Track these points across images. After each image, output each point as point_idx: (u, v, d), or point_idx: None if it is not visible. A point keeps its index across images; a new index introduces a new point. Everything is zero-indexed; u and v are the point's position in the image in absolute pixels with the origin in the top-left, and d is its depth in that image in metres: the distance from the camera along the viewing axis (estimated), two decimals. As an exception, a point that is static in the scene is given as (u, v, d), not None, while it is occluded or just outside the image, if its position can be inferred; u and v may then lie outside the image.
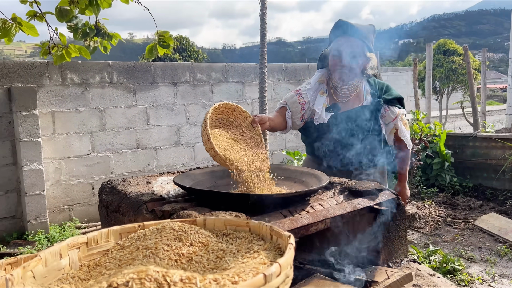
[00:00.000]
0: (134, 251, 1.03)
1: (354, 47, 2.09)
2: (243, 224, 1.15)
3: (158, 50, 3.05)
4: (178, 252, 1.04)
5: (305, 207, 1.56)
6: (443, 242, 3.99)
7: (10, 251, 3.93)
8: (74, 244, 1.04)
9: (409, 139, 2.28)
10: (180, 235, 1.09)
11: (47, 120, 4.49)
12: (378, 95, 2.19)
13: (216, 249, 1.06)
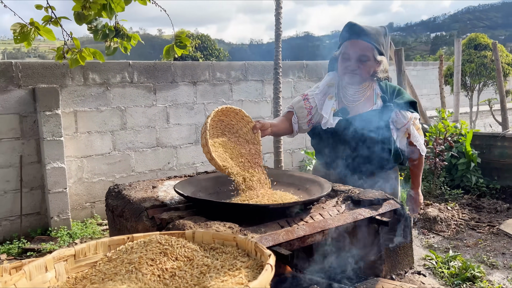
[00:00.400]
0: (119, 265, 1.04)
1: (363, 50, 2.04)
2: (230, 239, 1.14)
3: (175, 50, 3.08)
4: (162, 267, 1.04)
5: (305, 217, 1.54)
6: (465, 247, 3.86)
7: (34, 246, 4.07)
8: (60, 257, 1.05)
9: (422, 144, 2.21)
10: (166, 249, 1.09)
11: (69, 119, 4.61)
12: (389, 99, 2.13)
13: (201, 264, 1.06)
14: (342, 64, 2.10)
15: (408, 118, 2.13)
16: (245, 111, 1.87)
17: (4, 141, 4.30)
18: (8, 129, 4.32)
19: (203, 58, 7.29)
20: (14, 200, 4.38)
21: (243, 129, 1.84)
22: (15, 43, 2.70)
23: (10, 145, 4.34)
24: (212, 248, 1.14)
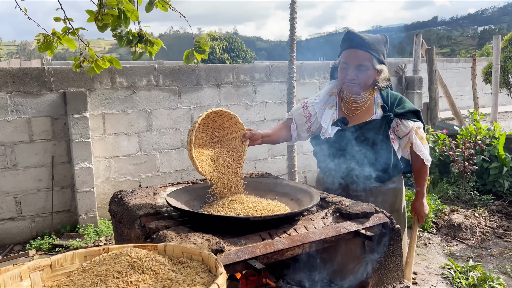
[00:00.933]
0: (88, 277, 1.11)
1: (361, 60, 2.02)
2: (197, 253, 1.18)
3: (195, 55, 3.15)
4: (127, 280, 1.09)
5: (288, 229, 1.56)
6: (489, 256, 3.72)
7: (63, 242, 4.29)
8: (36, 267, 1.13)
9: (426, 154, 2.16)
10: (134, 262, 1.15)
11: (98, 121, 4.81)
12: (390, 108, 2.10)
13: (165, 278, 1.11)
14: (341, 73, 2.09)
15: (409, 127, 2.09)
16: (269, 112, 1.98)
17: (37, 142, 4.55)
18: (41, 131, 4.56)
19: (230, 60, 7.39)
20: (46, 198, 4.63)
21: (233, 134, 1.90)
22: (39, 51, 2.86)
23: (43, 146, 4.58)
24: (180, 262, 1.19)
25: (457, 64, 19.19)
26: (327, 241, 1.53)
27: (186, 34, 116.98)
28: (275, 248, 1.43)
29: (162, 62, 14.80)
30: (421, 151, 2.13)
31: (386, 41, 2.10)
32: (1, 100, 4.35)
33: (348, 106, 2.16)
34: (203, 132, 1.89)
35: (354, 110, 2.14)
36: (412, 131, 2.10)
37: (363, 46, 2.00)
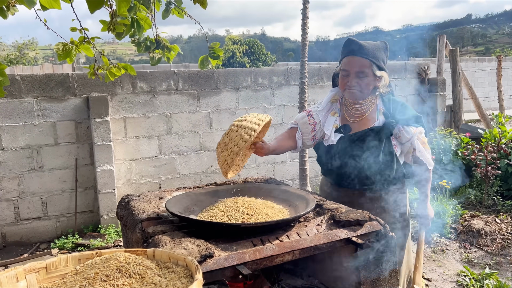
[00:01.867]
0: (78, 280, 1.18)
1: (361, 67, 2.03)
2: (181, 259, 1.23)
3: (210, 61, 3.23)
4: (113, 283, 1.16)
5: (281, 236, 1.59)
6: (508, 264, 3.62)
7: (85, 242, 4.46)
8: (32, 269, 1.22)
9: (429, 158, 2.14)
10: (122, 266, 1.21)
11: (119, 125, 4.96)
12: (391, 114, 2.10)
13: (150, 282, 1.17)
14: (342, 80, 2.11)
15: (411, 133, 2.09)
16: (287, 115, 2.07)
17: (62, 145, 4.75)
18: (65, 134, 4.75)
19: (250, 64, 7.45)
20: (70, 198, 4.82)
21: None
22: (59, 59, 3.00)
23: (67, 149, 4.77)
24: (166, 267, 1.24)
25: (489, 64, 18.61)
26: (318, 248, 1.55)
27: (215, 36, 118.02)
28: (265, 254, 1.47)
29: (188, 65, 15.03)
30: (424, 155, 2.12)
31: (386, 48, 2.09)
32: (28, 105, 4.56)
33: (350, 113, 2.17)
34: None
35: (356, 117, 2.15)
36: (414, 136, 2.08)
37: (362, 53, 2.02)
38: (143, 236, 1.69)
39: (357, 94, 2.09)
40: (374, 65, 2.02)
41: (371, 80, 2.06)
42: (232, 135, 1.81)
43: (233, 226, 1.54)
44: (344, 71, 2.08)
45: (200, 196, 2.01)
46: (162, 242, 1.49)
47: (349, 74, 2.06)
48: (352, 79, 2.05)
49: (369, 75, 2.04)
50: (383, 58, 2.06)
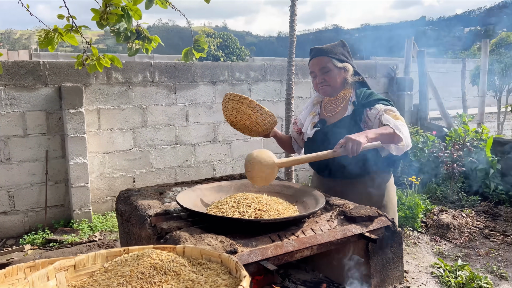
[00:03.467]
0: (112, 277, 1.15)
1: (322, 64, 2.23)
2: (215, 256, 1.23)
3: (193, 53, 3.18)
4: (150, 280, 1.14)
5: (296, 231, 1.62)
6: (476, 256, 3.85)
7: (57, 237, 4.29)
8: (61, 267, 1.17)
9: (397, 125, 2.01)
10: (156, 263, 1.19)
11: (93, 116, 4.80)
12: (359, 102, 2.20)
13: (186, 279, 1.16)
14: (313, 82, 2.33)
15: (378, 109, 2.12)
16: None
17: (31, 136, 4.53)
18: (36, 125, 4.54)
19: (224, 57, 7.42)
20: (39, 192, 4.62)
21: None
22: (40, 47, 2.87)
23: (37, 140, 4.57)
24: (199, 264, 1.24)
25: (444, 65, 19.48)
26: (334, 243, 1.59)
27: (175, 27, 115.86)
28: (285, 250, 1.49)
29: (153, 56, 14.69)
30: (389, 121, 2.04)
31: (343, 45, 2.30)
32: (-5, 94, 4.32)
33: (328, 109, 2.34)
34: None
35: (332, 111, 2.30)
36: (381, 111, 2.11)
37: (321, 53, 2.24)
38: (155, 232, 1.66)
39: (328, 89, 2.26)
40: (333, 59, 2.22)
41: (336, 73, 2.23)
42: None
43: (253, 222, 1.55)
44: (312, 73, 2.31)
45: (205, 191, 2.00)
46: (182, 238, 1.48)
47: (316, 74, 2.27)
48: (319, 77, 2.26)
49: (332, 69, 2.22)
50: (341, 52, 2.26)
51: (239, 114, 2.14)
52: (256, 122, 2.17)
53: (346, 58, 2.28)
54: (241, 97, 2.13)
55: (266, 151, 1.92)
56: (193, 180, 2.44)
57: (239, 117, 2.16)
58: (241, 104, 2.13)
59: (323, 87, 2.27)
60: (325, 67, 2.23)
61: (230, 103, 2.17)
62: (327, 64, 2.23)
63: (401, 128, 2.01)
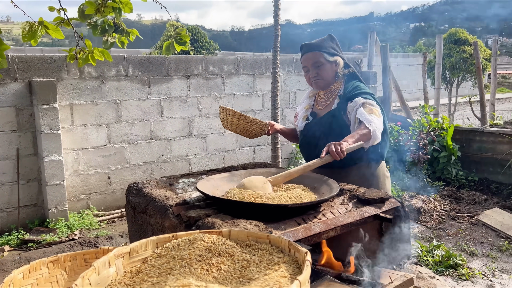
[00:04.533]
0: (171, 261, 1.19)
1: (314, 59, 2.32)
2: (264, 237, 1.30)
3: (175, 47, 3.18)
4: (208, 262, 1.19)
5: (317, 215, 1.71)
6: (447, 236, 4.14)
7: (33, 237, 4.15)
8: (119, 254, 1.20)
9: (369, 120, 2.10)
10: (209, 246, 1.25)
11: (65, 112, 4.66)
12: (344, 95, 2.30)
13: (241, 260, 1.22)
14: (306, 76, 2.42)
15: (357, 102, 2.21)
16: (237, 104, 2.34)
17: (0, 134, 4.34)
18: (5, 122, 4.35)
19: (194, 51, 7.39)
20: (11, 192, 4.43)
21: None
22: (23, 40, 2.79)
23: (7, 138, 4.38)
24: (248, 245, 1.30)
25: (395, 59, 20.32)
26: (354, 224, 1.70)
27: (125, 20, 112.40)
28: (314, 231, 1.58)
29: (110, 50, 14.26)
30: (363, 116, 2.10)
31: (331, 39, 2.39)
32: (-39, 89, 4.10)
33: (320, 102, 2.45)
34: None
35: (323, 104, 2.42)
36: (358, 104, 2.19)
37: (312, 48, 2.34)
38: (181, 221, 1.70)
39: (322, 83, 2.36)
40: (324, 53, 2.31)
41: (328, 67, 2.33)
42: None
43: (281, 206, 1.63)
44: (305, 68, 2.40)
45: (218, 182, 2.05)
46: (216, 224, 1.53)
47: (308, 69, 2.36)
48: (312, 72, 2.35)
49: (324, 63, 2.32)
50: (331, 46, 2.35)
51: (229, 124, 2.36)
52: (245, 129, 2.36)
53: (336, 51, 2.37)
54: (227, 110, 2.34)
55: (255, 177, 1.97)
56: (197, 171, 2.47)
57: (229, 126, 2.37)
58: (228, 116, 2.34)
59: (316, 81, 2.36)
60: (317, 61, 2.32)
61: (221, 115, 2.39)
62: (319, 59, 2.32)
63: (372, 122, 2.08)
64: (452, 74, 11.14)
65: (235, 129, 2.37)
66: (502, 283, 3.21)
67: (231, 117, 2.34)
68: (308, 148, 2.43)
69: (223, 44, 30.60)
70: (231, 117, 2.34)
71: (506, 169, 5.45)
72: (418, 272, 1.83)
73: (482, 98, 6.14)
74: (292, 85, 6.36)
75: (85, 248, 3.90)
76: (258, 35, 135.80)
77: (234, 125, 2.35)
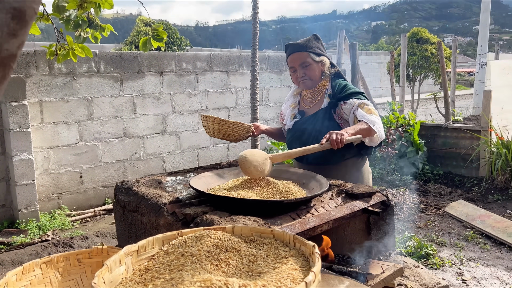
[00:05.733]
0: (181, 258, 1.21)
1: (301, 59, 2.37)
2: (267, 232, 1.34)
3: (152, 43, 3.16)
4: (217, 257, 1.22)
5: (310, 210, 1.77)
6: (417, 228, 4.33)
7: (3, 239, 4.01)
8: (129, 252, 1.21)
9: (371, 120, 2.18)
10: (216, 242, 1.27)
11: (35, 109, 4.51)
12: (334, 95, 2.37)
13: (247, 254, 1.26)
14: (293, 76, 2.45)
15: (353, 103, 2.29)
16: (211, 101, 2.43)
17: (-35, 132, 4.15)
18: (-30, 119, 4.17)
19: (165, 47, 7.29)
20: (-23, 193, 4.26)
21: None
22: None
23: (-28, 136, 4.20)
24: (252, 240, 1.34)
25: (359, 57, 20.79)
26: (345, 218, 1.77)
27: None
28: (309, 225, 1.64)
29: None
30: (365, 117, 2.18)
31: (316, 38, 2.45)
32: None
33: (306, 101, 2.50)
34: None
35: (310, 103, 2.48)
36: (355, 106, 2.27)
37: (298, 48, 2.38)
38: (177, 218, 1.72)
39: (309, 83, 2.41)
40: (311, 53, 2.37)
41: (315, 66, 2.38)
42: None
43: (276, 202, 1.67)
44: (291, 68, 2.43)
45: (209, 179, 2.07)
46: (216, 221, 1.56)
47: (295, 69, 2.40)
48: (299, 72, 2.39)
49: (311, 63, 2.37)
50: (317, 46, 2.41)
51: (211, 130, 2.39)
52: (227, 134, 2.38)
53: (322, 51, 2.42)
54: (207, 117, 2.38)
55: (256, 150, 2.05)
56: (183, 169, 2.48)
57: (212, 132, 2.39)
58: (209, 122, 2.37)
59: (303, 81, 2.39)
60: (304, 62, 2.36)
61: (203, 123, 2.43)
62: (306, 59, 2.36)
63: (375, 122, 2.18)
64: (415, 72, 11.55)
65: (217, 134, 2.39)
66: (470, 271, 3.40)
67: (211, 123, 2.36)
68: (298, 146, 2.42)
69: (188, 40, 30.54)
70: (211, 123, 2.36)
71: (469, 163, 5.74)
72: (404, 262, 1.93)
73: (446, 95, 6.43)
74: (265, 82, 6.41)
75: (60, 249, 3.81)
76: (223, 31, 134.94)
77: (216, 131, 2.37)
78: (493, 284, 3.18)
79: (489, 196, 5.09)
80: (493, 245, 3.84)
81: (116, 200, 2.09)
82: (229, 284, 0.97)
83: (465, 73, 34.73)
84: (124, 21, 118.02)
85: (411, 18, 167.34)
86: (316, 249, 1.15)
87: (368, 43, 72.08)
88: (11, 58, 0.62)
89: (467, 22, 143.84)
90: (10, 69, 0.63)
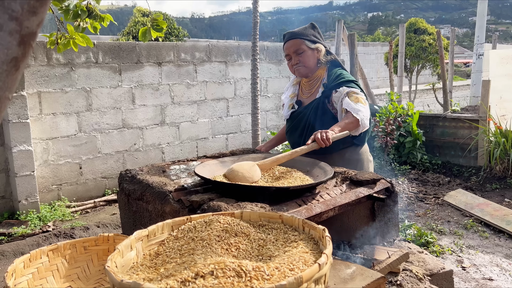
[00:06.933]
0: (191, 242, 1.22)
1: (296, 46, 2.37)
2: (276, 217, 1.35)
3: (151, 33, 3.14)
4: (227, 242, 1.23)
5: (315, 196, 1.78)
6: (416, 217, 4.36)
7: (4, 230, 4.00)
8: (139, 237, 1.21)
9: (357, 109, 2.17)
10: (226, 227, 1.28)
11: (33, 100, 4.49)
12: (328, 84, 2.36)
13: (257, 239, 1.26)
14: (289, 64, 2.46)
15: (342, 91, 2.27)
16: (209, 92, 2.29)
17: (-36, 123, 4.13)
18: (-32, 111, 4.13)
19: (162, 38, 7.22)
20: (-23, 184, 4.25)
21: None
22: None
23: (-29, 127, 4.17)
24: (260, 225, 1.34)
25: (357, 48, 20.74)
26: (350, 204, 1.78)
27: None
28: (315, 212, 1.64)
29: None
30: (350, 106, 2.15)
31: (313, 27, 2.46)
32: None
33: (304, 91, 2.51)
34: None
35: (308, 92, 2.48)
36: (343, 94, 2.25)
37: (293, 36, 2.39)
38: (183, 205, 1.72)
39: (303, 70, 2.40)
40: (306, 41, 2.37)
41: (310, 54, 2.38)
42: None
43: (282, 189, 1.68)
44: (287, 56, 2.44)
45: (213, 166, 2.07)
46: (222, 207, 1.56)
47: (291, 56, 2.41)
48: (294, 59, 2.40)
49: (306, 50, 2.37)
50: (312, 33, 2.42)
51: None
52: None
53: (318, 39, 2.43)
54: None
55: (244, 162, 1.99)
56: (186, 158, 2.48)
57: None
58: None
59: (298, 68, 2.40)
60: (299, 48, 2.37)
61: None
62: (300, 46, 2.37)
63: (359, 111, 2.15)
64: (412, 62, 11.55)
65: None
66: (469, 258, 3.43)
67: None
68: (294, 136, 2.49)
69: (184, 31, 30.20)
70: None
71: (467, 152, 5.77)
72: (408, 248, 1.94)
73: (444, 85, 6.44)
74: (264, 73, 6.39)
75: (61, 239, 3.81)
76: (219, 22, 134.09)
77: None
78: (492, 271, 3.21)
79: (487, 185, 5.13)
80: (492, 233, 3.88)
81: (121, 188, 2.09)
82: (243, 265, 0.98)
83: (462, 64, 34.75)
84: (119, 13, 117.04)
85: (408, 9, 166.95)
86: (327, 233, 1.16)
87: (365, 34, 71.88)
88: (31, 36, 0.61)
89: (464, 13, 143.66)
90: (30, 48, 0.62)
